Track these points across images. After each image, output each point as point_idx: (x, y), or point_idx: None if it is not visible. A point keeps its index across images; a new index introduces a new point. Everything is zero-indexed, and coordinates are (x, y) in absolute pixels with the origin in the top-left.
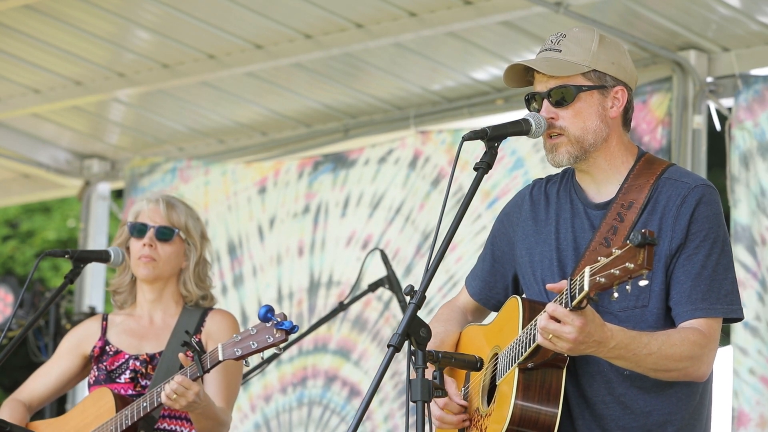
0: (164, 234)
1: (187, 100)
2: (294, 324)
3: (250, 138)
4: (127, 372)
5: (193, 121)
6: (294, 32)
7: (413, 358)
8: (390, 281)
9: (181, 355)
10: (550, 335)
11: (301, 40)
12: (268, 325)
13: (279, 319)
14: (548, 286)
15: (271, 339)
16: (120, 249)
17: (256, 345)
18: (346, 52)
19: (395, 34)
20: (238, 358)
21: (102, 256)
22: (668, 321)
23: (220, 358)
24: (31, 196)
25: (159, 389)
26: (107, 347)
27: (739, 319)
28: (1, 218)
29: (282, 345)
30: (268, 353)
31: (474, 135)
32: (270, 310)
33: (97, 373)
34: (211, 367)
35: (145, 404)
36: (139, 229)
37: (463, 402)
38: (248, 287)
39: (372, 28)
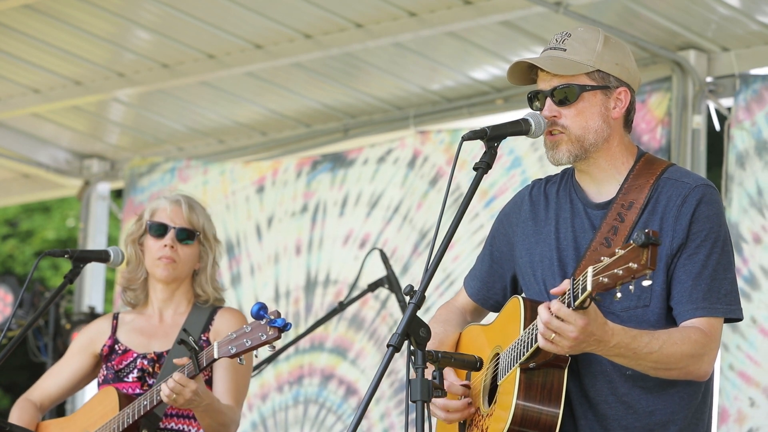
0: (185, 236)
1: (186, 100)
2: (287, 321)
3: (249, 138)
4: (135, 371)
5: (193, 121)
6: (294, 32)
7: (413, 357)
8: (389, 281)
9: (175, 360)
10: (552, 334)
11: (301, 40)
12: (261, 322)
13: (272, 317)
14: (552, 291)
15: (265, 336)
16: (119, 249)
17: (250, 343)
18: (345, 52)
19: (395, 34)
20: (232, 356)
21: (102, 256)
22: (669, 320)
23: (215, 356)
24: (30, 196)
25: (159, 387)
26: (116, 346)
27: (739, 319)
28: (0, 218)
29: (277, 343)
30: (268, 352)
31: (473, 135)
32: (263, 307)
33: (105, 372)
34: (207, 365)
35: (145, 402)
36: (159, 229)
37: (466, 382)
38: (246, 286)
39: (372, 28)
